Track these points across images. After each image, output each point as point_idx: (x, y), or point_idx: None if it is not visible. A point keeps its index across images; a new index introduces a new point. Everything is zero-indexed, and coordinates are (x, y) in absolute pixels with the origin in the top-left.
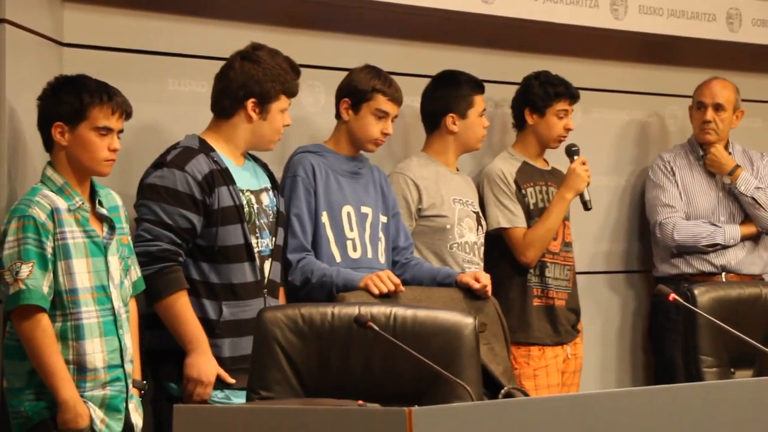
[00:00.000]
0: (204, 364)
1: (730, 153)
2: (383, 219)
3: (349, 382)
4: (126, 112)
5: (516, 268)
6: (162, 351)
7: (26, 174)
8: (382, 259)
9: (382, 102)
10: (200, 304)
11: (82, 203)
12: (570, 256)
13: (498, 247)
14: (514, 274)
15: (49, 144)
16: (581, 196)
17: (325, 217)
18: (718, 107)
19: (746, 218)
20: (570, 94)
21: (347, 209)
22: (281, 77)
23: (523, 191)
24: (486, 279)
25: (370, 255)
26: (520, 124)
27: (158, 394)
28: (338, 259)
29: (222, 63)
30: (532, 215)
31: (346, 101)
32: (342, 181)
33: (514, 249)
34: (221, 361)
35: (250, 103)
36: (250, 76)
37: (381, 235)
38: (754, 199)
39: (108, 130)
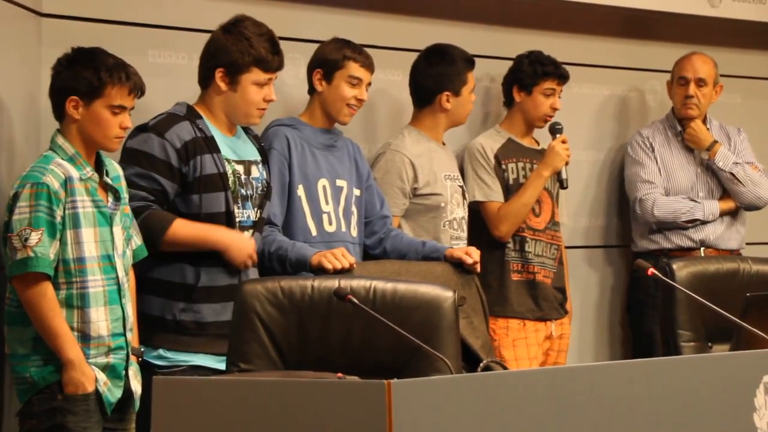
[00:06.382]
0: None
1: (708, 128)
2: (356, 192)
3: (328, 355)
4: (141, 91)
5: (494, 241)
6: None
7: (12, 143)
8: (354, 232)
9: (355, 69)
10: (180, 269)
11: (92, 173)
12: (558, 236)
13: (476, 221)
14: (491, 248)
15: (60, 114)
16: (558, 174)
17: (301, 191)
18: (700, 82)
19: (724, 194)
20: (558, 73)
21: (323, 182)
22: (252, 49)
23: (503, 166)
24: (476, 255)
25: (344, 228)
26: (508, 101)
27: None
28: (314, 232)
29: (202, 35)
30: (511, 190)
31: (319, 72)
32: (317, 154)
33: (489, 222)
34: (202, 326)
35: (218, 73)
36: (218, 46)
37: (354, 208)
38: (732, 174)
39: (121, 109)
